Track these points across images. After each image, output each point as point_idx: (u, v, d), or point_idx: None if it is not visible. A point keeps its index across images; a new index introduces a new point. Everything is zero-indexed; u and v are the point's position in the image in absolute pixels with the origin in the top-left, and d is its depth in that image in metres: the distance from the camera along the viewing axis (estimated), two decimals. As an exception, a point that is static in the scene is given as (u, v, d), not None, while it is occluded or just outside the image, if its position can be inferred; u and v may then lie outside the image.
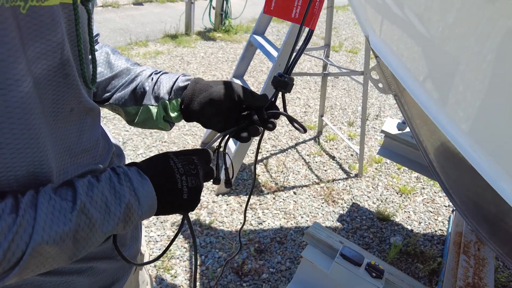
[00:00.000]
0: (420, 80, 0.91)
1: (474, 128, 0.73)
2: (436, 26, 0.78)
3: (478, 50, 0.65)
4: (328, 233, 1.20)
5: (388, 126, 1.96)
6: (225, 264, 0.78)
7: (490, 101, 0.67)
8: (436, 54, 0.80)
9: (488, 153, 0.70)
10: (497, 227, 1.30)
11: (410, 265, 2.01)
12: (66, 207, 0.39)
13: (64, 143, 0.46)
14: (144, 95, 0.62)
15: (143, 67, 0.66)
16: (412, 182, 2.63)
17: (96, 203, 0.42)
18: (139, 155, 2.52)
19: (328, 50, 2.42)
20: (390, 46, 1.07)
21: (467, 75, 0.71)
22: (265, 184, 2.42)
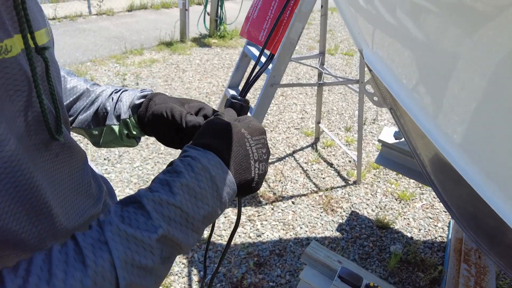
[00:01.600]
0: (414, 95, 0.89)
1: (467, 142, 0.72)
2: (431, 40, 0.77)
3: (472, 64, 0.65)
4: (326, 252, 1.18)
5: (385, 135, 1.94)
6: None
7: (484, 114, 0.66)
8: (431, 68, 0.79)
9: (481, 169, 0.70)
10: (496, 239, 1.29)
11: (411, 274, 2.00)
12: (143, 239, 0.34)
13: (60, 189, 0.45)
14: (106, 116, 0.62)
15: (102, 87, 0.65)
16: (411, 187, 2.62)
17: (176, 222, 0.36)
18: (136, 168, 2.50)
19: (323, 58, 2.40)
20: (384, 60, 1.06)
21: (461, 89, 0.70)
22: (263, 194, 2.40)
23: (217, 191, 0.40)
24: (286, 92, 3.88)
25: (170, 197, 0.36)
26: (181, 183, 0.38)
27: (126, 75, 3.83)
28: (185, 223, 0.37)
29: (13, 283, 0.28)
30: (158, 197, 0.36)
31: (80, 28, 5.23)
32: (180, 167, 0.39)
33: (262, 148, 0.48)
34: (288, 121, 3.32)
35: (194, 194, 0.38)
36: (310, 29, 6.46)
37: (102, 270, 0.31)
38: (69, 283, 0.29)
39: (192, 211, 0.37)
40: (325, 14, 2.25)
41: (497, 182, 0.67)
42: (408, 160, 1.95)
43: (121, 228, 0.33)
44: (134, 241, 0.33)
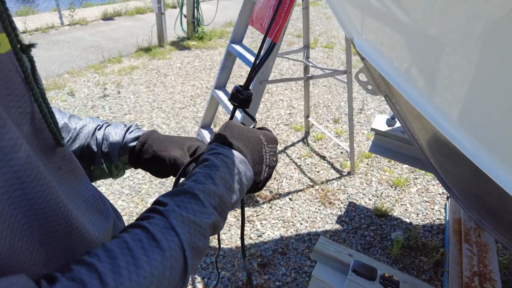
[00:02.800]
0: (409, 77, 0.88)
1: (465, 118, 0.72)
2: (422, 22, 0.76)
3: (465, 42, 0.64)
4: (336, 246, 1.16)
5: (377, 123, 1.94)
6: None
7: (480, 91, 0.65)
8: (423, 49, 0.78)
9: (481, 142, 0.69)
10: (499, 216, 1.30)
11: (414, 259, 2.00)
12: (202, 224, 0.39)
13: (75, 202, 0.41)
14: (92, 155, 0.60)
15: (82, 122, 0.62)
16: (405, 173, 2.64)
17: (219, 212, 0.42)
18: (126, 178, 2.42)
19: (307, 51, 2.39)
20: (375, 46, 1.04)
21: (455, 66, 0.70)
22: (260, 193, 2.37)
23: (241, 184, 0.46)
24: (271, 89, 3.86)
25: (215, 188, 0.42)
26: (221, 176, 0.44)
27: (107, 84, 3.73)
28: (222, 212, 0.43)
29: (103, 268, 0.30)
30: (208, 188, 0.41)
31: (54, 40, 5.06)
32: (216, 163, 0.45)
33: (273, 156, 0.54)
34: (277, 118, 3.29)
35: (229, 186, 0.44)
36: (289, 25, 6.46)
37: (175, 253, 0.35)
38: (153, 265, 0.32)
39: (227, 201, 0.43)
40: (306, 7, 2.23)
41: (498, 154, 0.67)
42: (402, 146, 1.96)
43: (184, 215, 0.37)
44: (194, 227, 0.38)
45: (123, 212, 2.14)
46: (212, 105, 2.38)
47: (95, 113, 3.20)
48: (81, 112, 3.19)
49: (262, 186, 0.53)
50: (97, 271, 0.29)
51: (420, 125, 1.35)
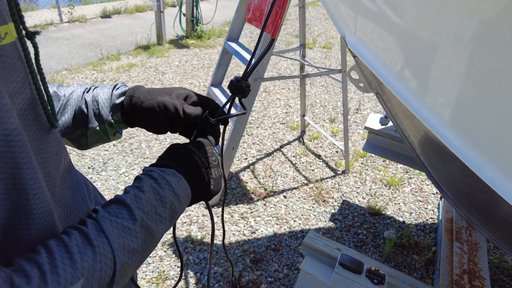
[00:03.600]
0: (400, 76, 0.90)
1: (456, 118, 0.73)
2: (413, 21, 0.77)
3: (456, 42, 0.64)
4: (325, 241, 1.17)
5: (371, 122, 1.95)
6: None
7: (470, 92, 0.67)
8: (415, 49, 0.80)
9: (471, 142, 0.70)
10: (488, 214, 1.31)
11: (406, 257, 2.02)
12: (130, 227, 0.42)
13: (53, 186, 0.43)
14: (86, 118, 0.61)
15: (70, 88, 0.63)
16: (399, 173, 2.65)
17: (149, 214, 0.45)
18: (122, 174, 2.43)
19: (303, 50, 2.40)
20: (367, 44, 1.06)
21: (446, 67, 0.71)
22: (254, 191, 2.38)
23: (173, 191, 0.49)
24: (268, 88, 3.87)
25: (141, 193, 0.45)
26: (146, 184, 0.47)
27: (105, 81, 3.74)
28: (154, 215, 0.45)
29: (42, 260, 0.35)
30: (133, 194, 0.45)
31: (53, 36, 5.07)
32: (142, 176, 0.49)
33: (211, 156, 0.57)
34: (273, 117, 3.31)
35: (157, 192, 0.47)
36: (287, 25, 6.48)
37: (104, 251, 0.38)
38: (85, 259, 0.37)
39: (157, 205, 0.46)
40: (303, 6, 2.25)
41: (488, 155, 0.68)
42: (395, 145, 1.97)
43: (112, 219, 0.41)
44: (123, 229, 0.41)
45: (117, 208, 2.16)
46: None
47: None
48: (78, 109, 3.20)
49: (216, 186, 0.56)
50: (37, 263, 0.34)
51: (410, 122, 1.37)
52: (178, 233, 2.03)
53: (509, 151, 0.63)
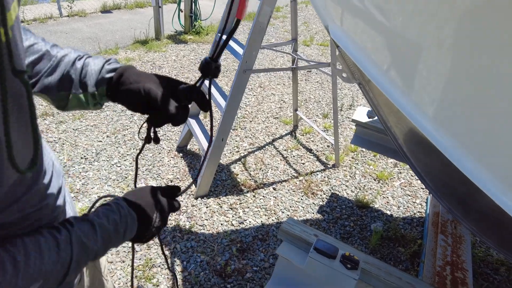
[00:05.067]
0: (383, 69, 0.91)
1: (438, 113, 0.74)
2: (396, 13, 0.78)
3: (438, 35, 0.65)
4: (302, 227, 1.19)
5: (359, 115, 1.97)
6: None
7: (452, 87, 0.68)
8: (397, 41, 0.81)
9: (452, 136, 0.72)
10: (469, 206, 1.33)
11: (392, 249, 2.04)
12: (91, 248, 0.52)
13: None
14: (71, 83, 0.62)
15: (64, 50, 0.64)
16: (389, 167, 2.67)
17: (106, 242, 0.55)
18: (114, 164, 2.46)
19: (295, 45, 2.42)
20: (350, 34, 1.07)
21: (429, 61, 0.72)
22: (244, 182, 2.40)
23: (125, 229, 0.59)
24: (264, 83, 3.89)
25: (108, 225, 0.55)
26: (115, 219, 0.57)
27: (101, 74, 3.76)
28: (107, 241, 0.55)
29: (19, 256, 0.42)
30: (103, 223, 0.55)
31: (52, 30, 5.09)
32: (114, 208, 0.58)
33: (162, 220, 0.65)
34: (267, 111, 3.33)
35: (116, 226, 0.57)
36: (286, 22, 6.49)
37: (65, 260, 0.48)
38: (51, 263, 0.45)
39: (112, 236, 0.56)
40: (294, 0, 2.26)
41: (468, 148, 0.69)
42: (383, 138, 1.99)
43: (81, 239, 0.51)
44: (85, 248, 0.51)
45: (108, 197, 2.18)
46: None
47: (88, 101, 3.23)
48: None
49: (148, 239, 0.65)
50: (14, 257, 0.41)
51: (392, 113, 1.38)
52: (167, 223, 2.05)
53: (488, 145, 0.65)
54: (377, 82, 0.94)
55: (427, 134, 0.77)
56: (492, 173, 0.65)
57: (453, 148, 0.72)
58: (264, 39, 5.48)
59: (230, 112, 2.00)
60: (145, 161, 2.52)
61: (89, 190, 2.22)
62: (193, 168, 2.49)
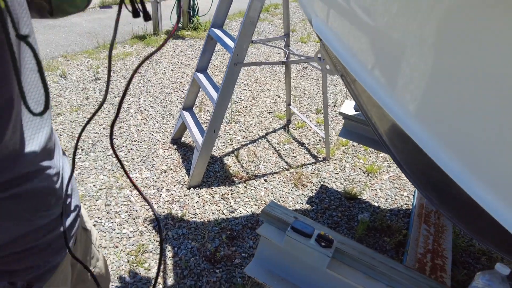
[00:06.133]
0: (364, 63, 0.96)
1: (419, 109, 0.78)
2: (379, 8, 0.82)
3: (421, 32, 0.67)
4: (284, 209, 1.26)
5: (346, 108, 2.04)
6: None
7: (428, 80, 0.71)
8: (379, 36, 0.85)
9: (428, 128, 0.75)
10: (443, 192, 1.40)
11: (378, 239, 2.11)
12: None
13: None
14: None
15: None
16: (379, 161, 2.74)
17: None
18: (109, 155, 2.52)
19: (288, 40, 2.48)
20: (332, 28, 1.13)
21: (411, 58, 0.75)
22: (236, 174, 2.47)
23: None
24: (260, 79, 3.95)
25: None
26: None
27: (99, 68, 3.82)
28: None
29: None
30: None
31: (50, 24, 5.14)
32: None
33: None
34: (262, 106, 3.39)
35: None
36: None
37: None
38: None
39: None
40: (286, -4, 2.32)
41: (446, 142, 0.73)
42: (368, 130, 2.05)
43: None
44: None
45: (103, 186, 2.25)
46: (194, 88, 2.47)
47: (86, 94, 3.29)
48: (72, 94, 3.28)
49: None
50: None
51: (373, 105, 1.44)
52: (160, 211, 2.12)
53: (462, 139, 0.67)
54: (358, 77, 0.98)
55: (405, 128, 0.81)
56: (466, 165, 0.67)
57: (429, 140, 0.77)
58: (262, 35, 5.53)
59: (222, 104, 2.06)
60: (140, 152, 2.59)
61: (85, 180, 2.29)
62: (186, 159, 2.56)
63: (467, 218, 1.37)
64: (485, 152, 0.64)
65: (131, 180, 0.61)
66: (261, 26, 5.98)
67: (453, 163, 0.72)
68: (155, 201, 2.18)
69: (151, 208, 0.66)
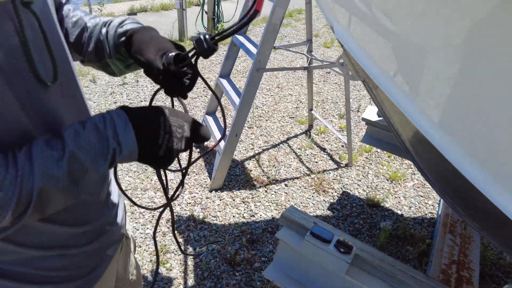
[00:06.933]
0: (386, 70, 0.96)
1: (442, 117, 0.77)
2: (400, 15, 0.83)
3: (445, 40, 0.66)
4: (303, 215, 1.26)
5: (369, 113, 2.01)
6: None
7: (457, 91, 0.70)
8: (400, 42, 0.85)
9: (453, 138, 0.74)
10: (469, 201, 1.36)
11: (401, 248, 2.06)
12: (56, 156, 0.46)
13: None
14: (103, 51, 0.66)
15: (96, 19, 0.69)
16: (403, 168, 2.68)
17: (84, 148, 0.47)
18: (135, 158, 2.61)
19: (310, 45, 2.49)
20: (353, 35, 1.14)
21: (434, 65, 0.74)
22: (257, 178, 2.49)
23: (116, 136, 0.50)
24: (282, 84, 3.97)
25: (82, 129, 0.49)
26: (92, 122, 0.50)
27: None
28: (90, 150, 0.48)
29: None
30: (73, 129, 0.49)
31: (82, 32, 5.39)
32: (95, 116, 0.52)
33: (178, 128, 0.55)
34: (283, 111, 3.40)
35: (99, 131, 0.49)
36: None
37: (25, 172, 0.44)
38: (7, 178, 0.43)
39: (96, 142, 0.48)
40: (309, 2, 2.33)
41: (471, 152, 0.71)
42: (391, 136, 2.02)
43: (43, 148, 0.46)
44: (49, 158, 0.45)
45: (128, 187, 2.33)
46: (217, 93, 2.52)
47: (114, 98, 3.42)
48: (101, 98, 3.42)
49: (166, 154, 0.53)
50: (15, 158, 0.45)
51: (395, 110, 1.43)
52: (182, 212, 2.17)
53: (487, 148, 0.64)
54: (380, 83, 0.98)
55: (428, 136, 0.80)
56: (491, 174, 0.65)
57: (453, 150, 0.75)
58: (285, 41, 5.55)
59: (244, 109, 2.09)
60: (164, 155, 2.66)
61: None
62: (209, 163, 2.60)
63: (495, 230, 1.33)
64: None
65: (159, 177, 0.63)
66: (284, 31, 6.01)
67: (477, 172, 0.71)
68: (178, 203, 2.23)
69: (163, 188, 0.67)
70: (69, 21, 0.68)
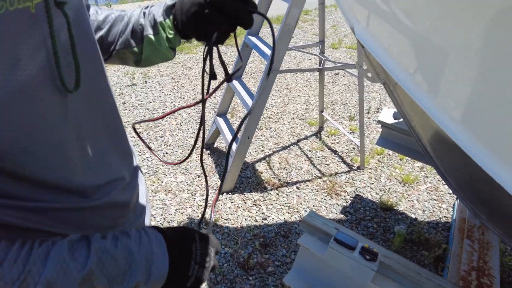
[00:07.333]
0: (408, 70, 0.94)
1: (466, 116, 0.74)
2: (421, 15, 0.81)
3: (465, 38, 0.66)
4: (324, 220, 1.24)
5: (384, 116, 1.98)
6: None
7: (477, 87, 0.68)
8: (422, 42, 0.83)
9: (477, 137, 0.72)
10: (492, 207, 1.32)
11: (416, 252, 2.02)
12: (74, 272, 0.41)
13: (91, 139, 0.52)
14: (143, 30, 0.65)
15: (132, 10, 0.69)
16: (415, 171, 2.64)
17: (107, 270, 0.43)
18: (145, 159, 2.59)
19: (323, 46, 2.46)
20: (374, 35, 1.11)
21: (455, 63, 0.72)
22: (268, 180, 2.46)
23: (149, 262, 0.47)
24: (290, 85, 3.94)
25: (113, 248, 0.45)
26: (126, 242, 0.46)
27: (135, 74, 3.95)
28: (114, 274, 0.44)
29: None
30: (104, 244, 0.45)
31: (90, 32, 5.39)
32: (131, 232, 0.49)
33: (206, 256, 0.54)
34: (293, 112, 3.37)
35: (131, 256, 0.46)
36: (314, 25, 6.50)
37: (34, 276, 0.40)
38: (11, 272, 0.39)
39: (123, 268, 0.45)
40: (323, 3, 2.30)
41: (496, 150, 0.69)
42: (407, 139, 1.99)
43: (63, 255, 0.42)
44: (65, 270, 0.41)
45: (139, 189, 2.30)
46: (228, 94, 2.50)
47: (122, 99, 3.41)
48: (109, 98, 3.41)
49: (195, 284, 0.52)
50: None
51: (416, 113, 1.40)
52: (194, 215, 2.14)
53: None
54: (402, 83, 0.96)
55: (452, 135, 0.78)
56: None
57: (478, 149, 0.73)
58: (292, 41, 5.53)
59: (256, 111, 2.06)
60: (175, 156, 2.64)
61: (122, 182, 2.35)
62: (219, 165, 2.58)
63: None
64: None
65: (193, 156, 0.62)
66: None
67: (504, 172, 0.68)
68: (189, 205, 2.21)
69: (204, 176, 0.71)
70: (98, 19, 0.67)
